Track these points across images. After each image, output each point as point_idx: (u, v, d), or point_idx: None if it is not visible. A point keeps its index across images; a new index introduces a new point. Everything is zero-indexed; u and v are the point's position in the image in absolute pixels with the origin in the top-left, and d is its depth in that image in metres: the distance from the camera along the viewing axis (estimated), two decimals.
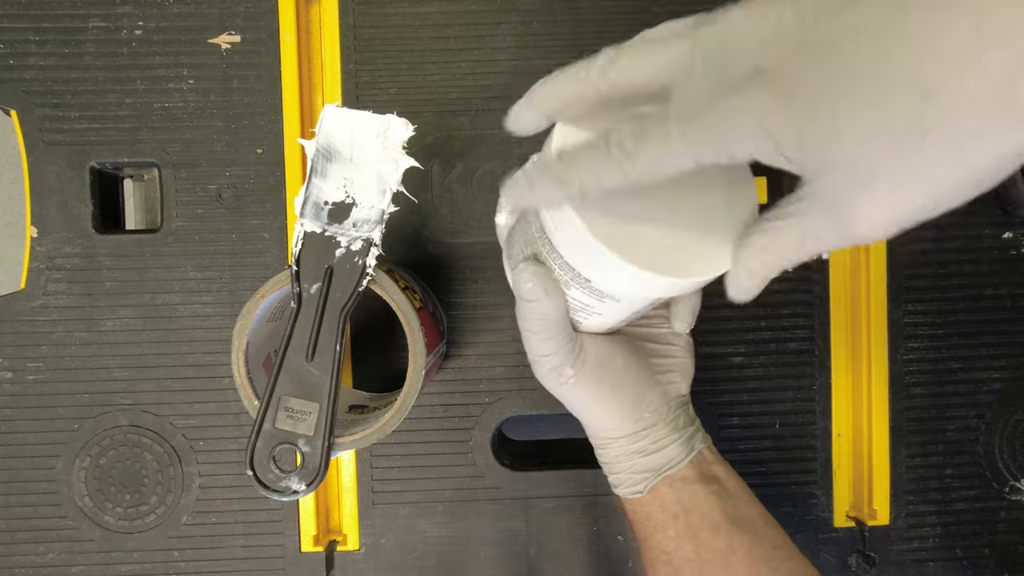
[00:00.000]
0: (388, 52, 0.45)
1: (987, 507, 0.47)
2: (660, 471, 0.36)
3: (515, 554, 0.46)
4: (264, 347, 0.38)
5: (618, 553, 0.46)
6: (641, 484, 0.36)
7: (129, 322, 0.45)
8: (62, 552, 0.45)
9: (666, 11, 0.45)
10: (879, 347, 0.45)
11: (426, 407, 0.46)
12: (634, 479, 0.36)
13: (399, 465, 0.46)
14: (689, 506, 0.35)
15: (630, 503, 0.37)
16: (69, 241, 0.44)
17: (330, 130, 0.33)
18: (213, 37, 0.45)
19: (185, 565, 0.45)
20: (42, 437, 0.45)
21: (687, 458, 0.36)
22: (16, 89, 0.44)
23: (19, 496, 0.45)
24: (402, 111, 0.33)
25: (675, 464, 0.36)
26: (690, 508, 0.35)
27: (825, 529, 0.46)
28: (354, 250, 0.34)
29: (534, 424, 0.50)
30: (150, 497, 0.45)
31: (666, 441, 0.36)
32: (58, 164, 0.44)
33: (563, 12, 0.45)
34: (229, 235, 0.45)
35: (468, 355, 0.46)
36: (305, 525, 0.44)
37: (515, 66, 0.45)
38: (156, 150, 0.45)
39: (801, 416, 0.46)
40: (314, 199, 0.33)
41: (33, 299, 0.44)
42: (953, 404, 0.46)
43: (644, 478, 0.36)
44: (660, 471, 0.36)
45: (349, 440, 0.35)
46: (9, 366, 0.44)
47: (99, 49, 0.44)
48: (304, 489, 0.33)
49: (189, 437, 0.45)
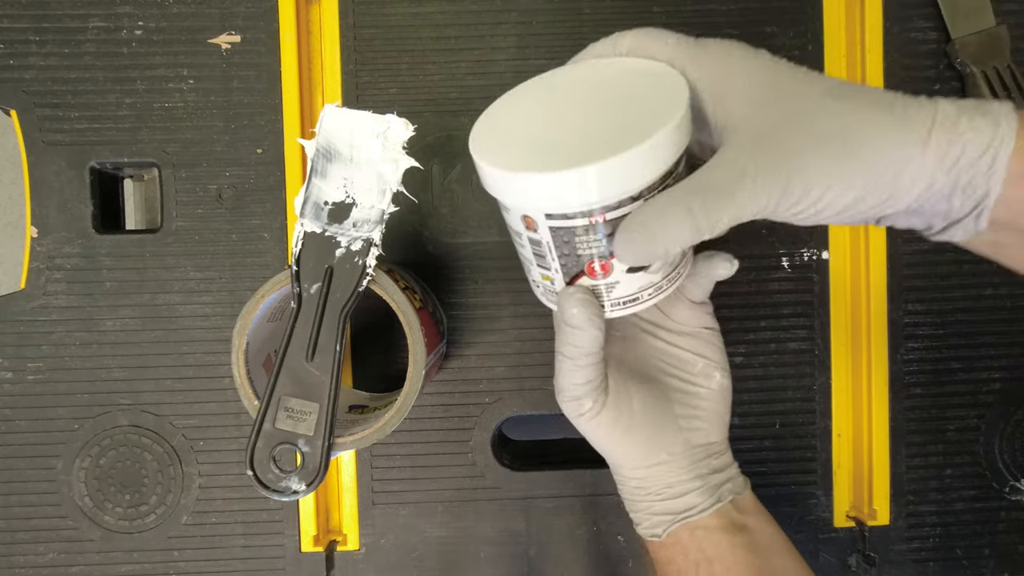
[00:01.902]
0: (388, 52, 0.45)
1: (987, 507, 0.47)
2: (679, 516, 0.35)
3: (515, 554, 0.46)
4: (264, 347, 0.38)
5: (618, 553, 0.46)
6: (659, 528, 0.35)
7: (129, 322, 0.45)
8: (62, 552, 0.45)
9: (666, 11, 0.45)
10: (879, 347, 0.45)
11: (426, 407, 0.46)
12: (652, 520, 0.35)
13: (399, 465, 0.46)
14: (712, 556, 0.34)
15: (651, 544, 0.36)
16: (69, 241, 0.44)
17: (330, 130, 0.33)
18: (213, 37, 0.45)
19: (185, 565, 0.45)
20: (42, 437, 0.45)
21: (711, 507, 0.35)
22: (16, 89, 0.44)
23: (19, 496, 0.45)
24: (402, 111, 0.33)
25: (697, 511, 0.35)
26: (714, 558, 0.34)
27: (825, 529, 0.46)
28: (354, 250, 0.34)
29: (534, 424, 0.50)
30: (150, 497, 0.45)
31: (685, 487, 0.35)
32: (58, 164, 0.44)
33: (563, 12, 0.45)
34: (229, 235, 0.45)
35: (468, 355, 0.46)
36: (305, 525, 0.44)
37: (515, 66, 0.45)
38: (156, 150, 0.45)
39: (801, 416, 0.46)
40: (314, 199, 0.33)
41: (33, 299, 0.44)
42: (953, 404, 0.46)
43: (662, 521, 0.35)
44: (679, 516, 0.35)
45: (349, 440, 0.35)
46: (9, 366, 0.44)
47: (99, 49, 0.44)
48: (304, 489, 0.33)
49: (189, 437, 0.45)
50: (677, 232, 0.28)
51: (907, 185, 0.27)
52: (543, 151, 0.29)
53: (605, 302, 0.33)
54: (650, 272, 0.32)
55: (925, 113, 0.27)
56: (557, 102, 0.31)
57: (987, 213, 0.28)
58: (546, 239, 0.31)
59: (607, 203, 0.29)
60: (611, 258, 0.31)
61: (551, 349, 0.44)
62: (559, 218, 0.30)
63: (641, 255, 0.29)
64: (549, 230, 0.31)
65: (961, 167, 0.27)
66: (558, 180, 0.28)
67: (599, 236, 0.30)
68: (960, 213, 0.28)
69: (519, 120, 0.32)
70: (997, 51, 0.45)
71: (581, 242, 0.31)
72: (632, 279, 0.32)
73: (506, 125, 0.31)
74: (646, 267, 0.32)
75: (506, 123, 0.32)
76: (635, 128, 0.28)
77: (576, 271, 0.32)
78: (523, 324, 0.45)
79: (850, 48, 0.46)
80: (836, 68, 0.46)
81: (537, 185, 0.29)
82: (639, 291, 0.33)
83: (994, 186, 0.27)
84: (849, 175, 0.27)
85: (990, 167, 0.27)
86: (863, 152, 0.27)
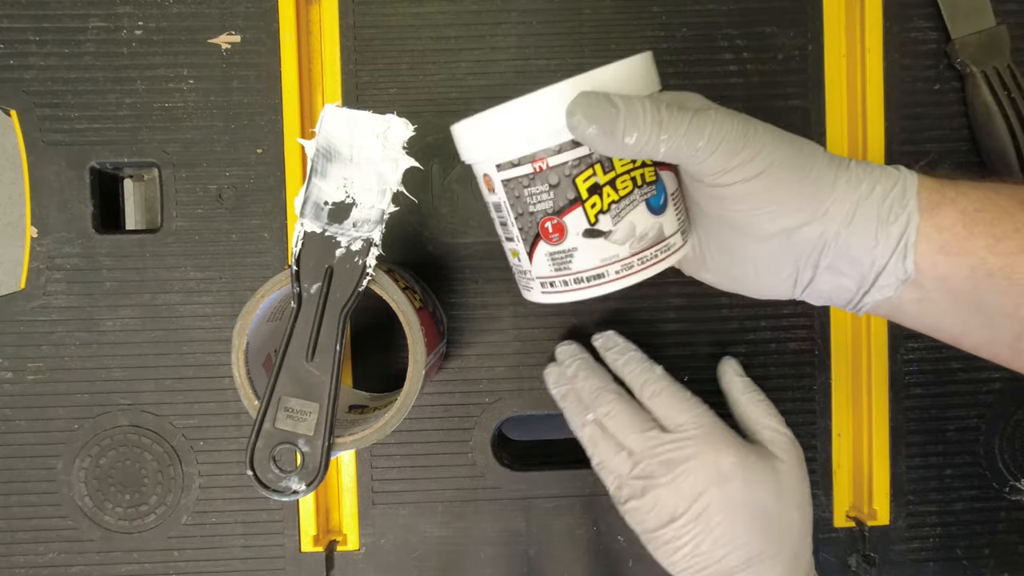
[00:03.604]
0: (388, 52, 0.45)
1: (987, 507, 0.47)
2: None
3: (515, 554, 0.46)
4: (264, 347, 0.38)
5: (618, 553, 0.46)
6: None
7: (129, 322, 0.45)
8: (62, 552, 0.45)
9: (666, 11, 0.45)
10: (879, 347, 0.45)
11: (426, 407, 0.46)
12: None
13: (399, 465, 0.46)
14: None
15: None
16: (69, 241, 0.44)
17: (330, 130, 0.33)
18: (213, 37, 0.45)
19: (185, 565, 0.45)
20: (42, 437, 0.45)
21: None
22: (16, 89, 0.44)
23: (19, 496, 0.45)
24: (402, 111, 0.33)
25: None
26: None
27: (825, 529, 0.46)
28: (354, 250, 0.34)
29: (534, 424, 0.50)
30: (150, 497, 0.45)
31: None
32: (58, 164, 0.44)
33: (563, 12, 0.45)
34: (229, 235, 0.45)
35: (468, 355, 0.46)
36: (305, 525, 0.44)
37: (515, 66, 0.45)
38: (156, 150, 0.45)
39: (801, 416, 0.46)
40: (314, 199, 0.33)
41: (33, 299, 0.44)
42: (953, 404, 0.46)
43: None
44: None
45: (349, 440, 0.35)
46: (9, 366, 0.44)
47: (99, 49, 0.44)
48: (304, 489, 0.33)
49: (189, 437, 0.45)
50: (639, 113, 0.30)
51: (829, 208, 0.31)
52: (500, 106, 0.31)
53: (567, 277, 0.33)
54: (612, 240, 0.32)
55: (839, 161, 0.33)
56: None
57: (912, 250, 0.31)
58: (502, 198, 0.33)
59: (548, 145, 0.31)
60: (563, 215, 0.32)
61: (551, 349, 0.45)
62: (507, 167, 0.32)
63: (595, 116, 0.29)
64: (502, 185, 0.33)
65: (876, 196, 0.31)
66: (501, 116, 0.31)
67: (545, 187, 0.32)
68: (886, 251, 0.31)
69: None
70: (997, 51, 0.45)
71: (531, 196, 0.32)
72: (591, 247, 0.32)
73: (485, 114, 0.33)
74: (604, 232, 0.32)
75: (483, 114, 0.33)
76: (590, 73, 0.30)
77: (534, 234, 0.33)
78: (523, 324, 0.45)
79: (850, 48, 0.46)
80: (836, 68, 0.46)
81: (485, 126, 0.32)
82: (602, 264, 0.32)
83: (912, 213, 0.31)
84: (791, 172, 0.32)
85: (904, 194, 0.31)
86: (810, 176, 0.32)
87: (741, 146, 0.30)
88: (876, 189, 0.31)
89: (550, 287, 0.34)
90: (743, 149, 0.30)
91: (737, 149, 0.30)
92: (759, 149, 0.31)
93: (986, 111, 0.44)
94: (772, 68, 0.46)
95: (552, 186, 0.31)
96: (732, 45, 0.45)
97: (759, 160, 0.31)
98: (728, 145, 0.30)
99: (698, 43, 0.45)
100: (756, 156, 0.31)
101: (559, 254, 0.33)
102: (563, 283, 0.34)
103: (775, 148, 0.31)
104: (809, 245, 0.32)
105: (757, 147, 0.31)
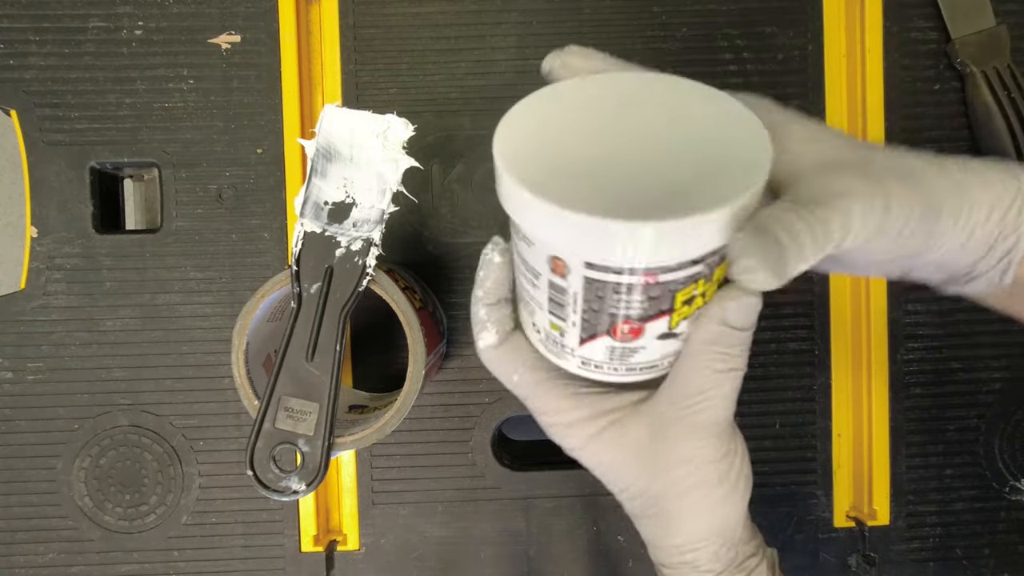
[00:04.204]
0: (388, 52, 0.45)
1: (987, 507, 0.47)
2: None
3: (515, 554, 0.46)
4: (264, 347, 0.38)
5: (618, 553, 0.46)
6: None
7: (129, 322, 0.45)
8: (62, 552, 0.45)
9: (666, 11, 0.45)
10: (879, 347, 0.45)
11: (426, 407, 0.46)
12: None
13: (399, 465, 0.46)
14: None
15: None
16: (69, 241, 0.44)
17: (330, 130, 0.33)
18: (213, 37, 0.45)
19: (185, 565, 0.45)
20: (42, 437, 0.45)
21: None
22: (16, 89, 0.44)
23: (19, 496, 0.45)
24: (402, 111, 0.33)
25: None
26: None
27: (825, 529, 0.46)
28: (354, 250, 0.34)
29: (534, 424, 0.49)
30: (150, 497, 0.45)
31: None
32: (58, 164, 0.44)
33: (563, 12, 0.45)
34: (229, 235, 0.45)
35: (468, 355, 0.46)
36: (305, 525, 0.44)
37: (515, 66, 0.45)
38: (156, 150, 0.45)
39: (801, 416, 0.46)
40: (314, 199, 0.33)
41: (33, 299, 0.44)
42: (953, 404, 0.46)
43: None
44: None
45: (349, 440, 0.35)
46: (9, 366, 0.44)
47: (99, 49, 0.44)
48: (304, 489, 0.33)
49: (189, 437, 0.45)
50: (807, 246, 0.26)
51: (949, 227, 0.28)
52: (595, 185, 0.24)
53: (619, 366, 0.29)
54: (680, 339, 0.28)
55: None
56: (604, 118, 0.26)
57: (1014, 267, 0.29)
58: (574, 289, 0.26)
59: (667, 264, 0.25)
60: (646, 323, 0.27)
61: None
62: (601, 270, 0.25)
63: (769, 264, 0.26)
64: (584, 280, 0.26)
65: (992, 222, 0.28)
66: (616, 230, 0.23)
67: (641, 297, 0.26)
68: (987, 266, 0.29)
69: (559, 134, 0.26)
70: (997, 51, 0.45)
71: (617, 301, 0.26)
72: (659, 345, 0.28)
73: (542, 137, 0.26)
74: (678, 335, 0.28)
75: (542, 134, 0.26)
76: (710, 178, 0.24)
77: (597, 329, 0.28)
78: None
79: (850, 48, 0.46)
80: (836, 68, 0.46)
81: (587, 229, 0.23)
82: (661, 358, 0.29)
83: (1023, 236, 0.28)
84: (912, 202, 0.28)
85: (1019, 215, 0.28)
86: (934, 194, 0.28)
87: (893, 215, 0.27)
88: (992, 216, 0.28)
89: (594, 368, 0.30)
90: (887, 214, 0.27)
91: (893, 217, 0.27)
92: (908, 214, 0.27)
93: (986, 111, 0.44)
94: (772, 68, 0.46)
95: (651, 298, 0.26)
96: (732, 45, 0.45)
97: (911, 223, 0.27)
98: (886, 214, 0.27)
99: (698, 43, 0.45)
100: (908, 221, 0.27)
101: (622, 349, 0.28)
102: (612, 369, 0.29)
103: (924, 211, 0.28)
104: (909, 263, 0.30)
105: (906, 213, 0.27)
